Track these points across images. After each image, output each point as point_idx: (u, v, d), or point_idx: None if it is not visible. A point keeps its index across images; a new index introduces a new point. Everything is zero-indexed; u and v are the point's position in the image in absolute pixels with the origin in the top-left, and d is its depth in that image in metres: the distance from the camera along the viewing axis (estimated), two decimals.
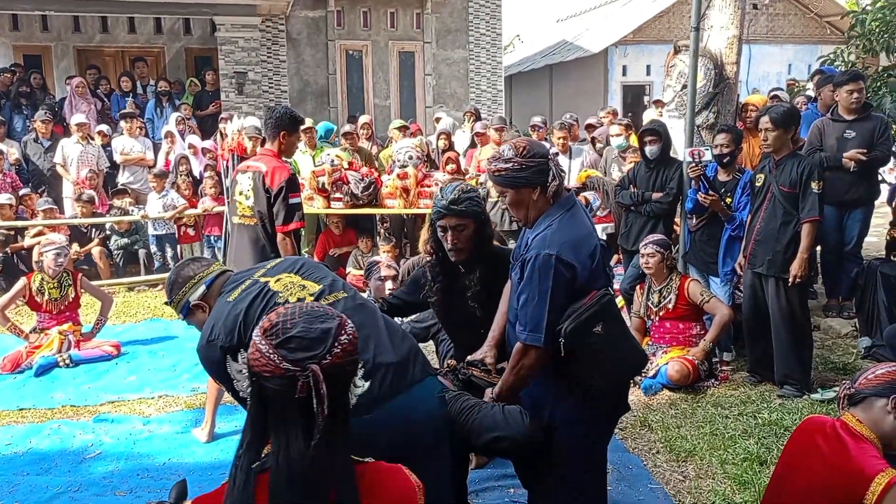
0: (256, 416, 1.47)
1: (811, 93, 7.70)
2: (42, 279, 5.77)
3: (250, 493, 1.42)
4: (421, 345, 4.53)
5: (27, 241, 7.81)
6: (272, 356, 1.41)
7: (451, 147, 8.74)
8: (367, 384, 1.56)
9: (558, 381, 2.53)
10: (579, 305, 2.43)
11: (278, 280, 2.37)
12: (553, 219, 2.52)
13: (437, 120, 9.81)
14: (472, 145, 8.97)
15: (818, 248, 5.52)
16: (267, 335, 1.44)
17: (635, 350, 2.62)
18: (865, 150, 5.59)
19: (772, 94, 8.00)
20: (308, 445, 1.40)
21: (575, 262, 2.43)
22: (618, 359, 2.51)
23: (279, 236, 4.30)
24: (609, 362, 2.46)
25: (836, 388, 4.56)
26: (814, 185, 4.49)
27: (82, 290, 5.98)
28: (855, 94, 5.65)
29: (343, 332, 1.48)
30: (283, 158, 4.47)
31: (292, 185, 4.30)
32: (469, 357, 2.80)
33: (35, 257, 6.06)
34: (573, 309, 2.43)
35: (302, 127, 4.48)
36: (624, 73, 17.73)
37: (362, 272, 5.73)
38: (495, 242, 3.46)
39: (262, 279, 2.36)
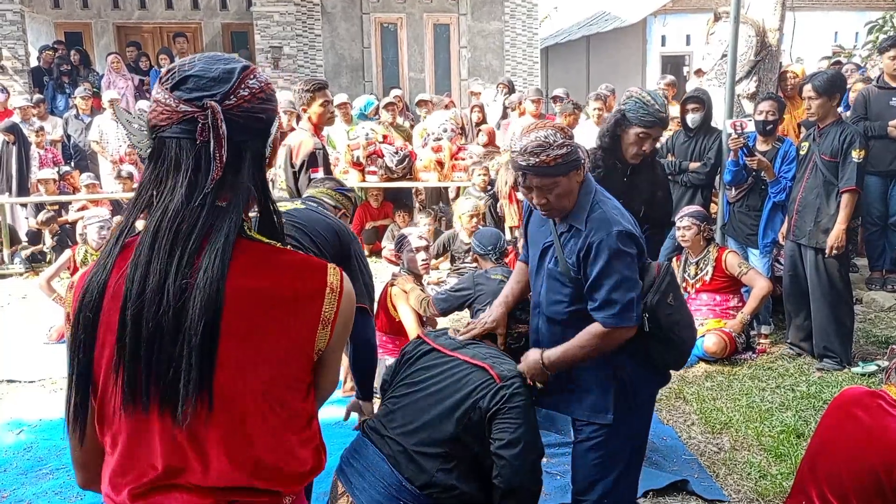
0: (149, 174, 1.28)
1: (858, 60, 7.46)
2: (86, 251, 5.91)
3: (113, 256, 1.27)
4: (456, 314, 4.58)
5: (72, 216, 8.00)
6: (168, 100, 1.25)
7: (484, 120, 8.69)
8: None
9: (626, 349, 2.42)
10: (652, 279, 2.40)
11: None
12: (590, 199, 2.36)
13: (477, 94, 9.70)
14: (504, 117, 8.90)
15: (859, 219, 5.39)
16: (163, 82, 1.27)
17: (692, 318, 2.63)
18: None
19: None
20: (190, 197, 1.23)
21: (638, 234, 2.37)
22: (685, 327, 2.49)
23: None
24: (680, 331, 2.45)
25: (878, 362, 4.51)
26: (854, 154, 4.37)
27: None
28: None
29: (252, 76, 1.30)
30: (320, 129, 4.56)
31: (313, 160, 4.40)
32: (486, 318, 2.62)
33: (79, 230, 6.22)
34: (650, 283, 2.37)
35: (325, 91, 4.54)
36: (663, 44, 17.34)
37: None
38: None
39: None
